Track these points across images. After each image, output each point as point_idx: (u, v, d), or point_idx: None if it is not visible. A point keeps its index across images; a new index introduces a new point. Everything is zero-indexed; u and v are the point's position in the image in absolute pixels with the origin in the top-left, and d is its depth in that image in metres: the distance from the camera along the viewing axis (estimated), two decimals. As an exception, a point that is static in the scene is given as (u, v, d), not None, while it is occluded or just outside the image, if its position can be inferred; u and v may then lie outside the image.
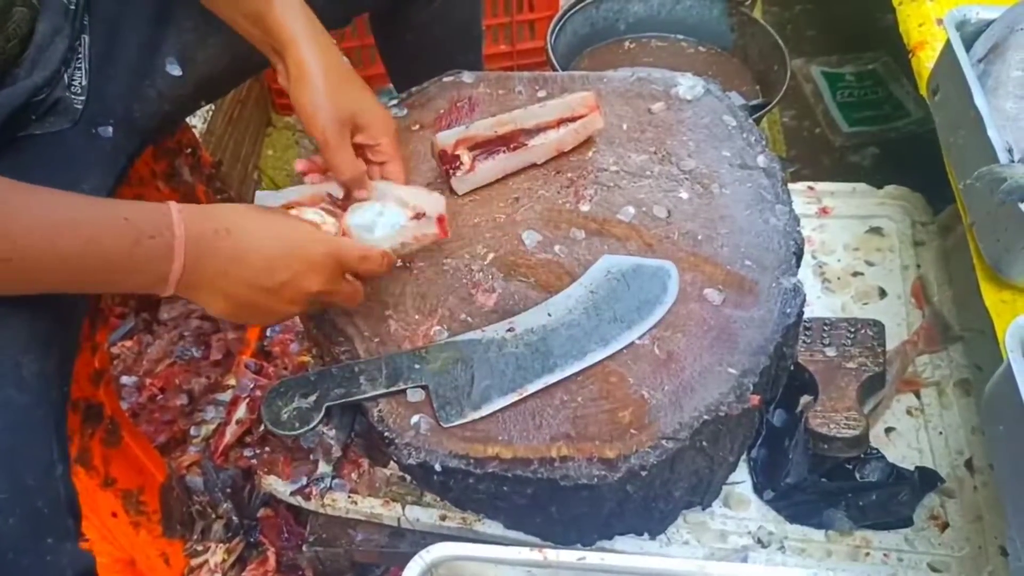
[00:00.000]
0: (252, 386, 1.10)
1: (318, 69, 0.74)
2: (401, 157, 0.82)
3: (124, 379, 1.28)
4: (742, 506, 0.86)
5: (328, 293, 0.71)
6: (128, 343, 1.34)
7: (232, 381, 1.16)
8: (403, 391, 0.75)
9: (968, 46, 0.82)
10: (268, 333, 1.21)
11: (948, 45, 0.79)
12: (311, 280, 0.68)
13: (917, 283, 1.05)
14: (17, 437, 0.61)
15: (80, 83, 0.78)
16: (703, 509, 0.86)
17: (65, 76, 0.77)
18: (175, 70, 0.84)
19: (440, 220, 0.76)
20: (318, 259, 0.69)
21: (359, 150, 0.79)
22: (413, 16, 1.05)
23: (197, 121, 1.38)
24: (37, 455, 0.61)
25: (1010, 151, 0.75)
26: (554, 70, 1.35)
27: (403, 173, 0.82)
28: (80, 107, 0.78)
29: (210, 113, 1.41)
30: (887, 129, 1.66)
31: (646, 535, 0.84)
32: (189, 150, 1.08)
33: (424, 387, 0.75)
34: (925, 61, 0.89)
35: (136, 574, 1.04)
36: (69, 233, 0.59)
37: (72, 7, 0.77)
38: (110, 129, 0.80)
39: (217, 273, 0.65)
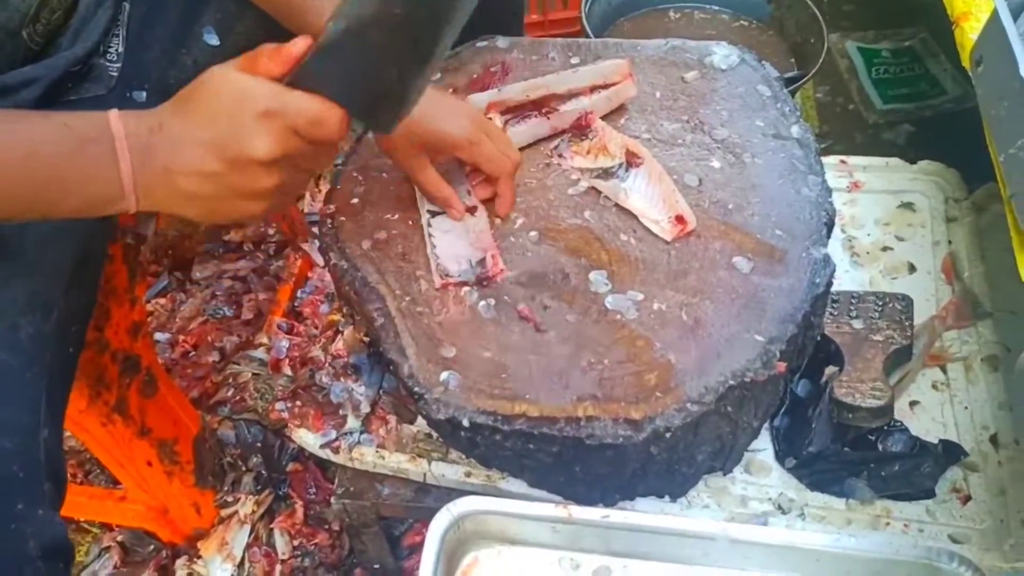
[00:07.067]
0: (288, 346, 1.12)
1: None
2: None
3: (158, 335, 1.32)
4: (763, 473, 0.87)
5: (286, 158, 0.62)
6: (162, 300, 1.38)
7: (264, 339, 1.18)
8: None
9: (1015, 17, 0.81)
10: (299, 294, 1.24)
11: (995, 15, 0.78)
12: (255, 147, 0.60)
13: (948, 259, 1.05)
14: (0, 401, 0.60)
15: (116, 50, 0.79)
16: (724, 474, 0.87)
17: (101, 45, 0.78)
18: (212, 39, 0.85)
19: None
20: (252, 124, 0.60)
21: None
22: None
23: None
24: (19, 418, 0.61)
25: (1054, 122, 0.74)
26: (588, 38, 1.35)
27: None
28: (115, 74, 0.78)
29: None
30: (922, 107, 1.64)
31: (667, 498, 0.85)
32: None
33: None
34: (969, 32, 0.87)
35: (168, 522, 1.08)
36: (7, 146, 0.57)
37: None
38: (144, 94, 0.80)
39: (162, 170, 0.62)
